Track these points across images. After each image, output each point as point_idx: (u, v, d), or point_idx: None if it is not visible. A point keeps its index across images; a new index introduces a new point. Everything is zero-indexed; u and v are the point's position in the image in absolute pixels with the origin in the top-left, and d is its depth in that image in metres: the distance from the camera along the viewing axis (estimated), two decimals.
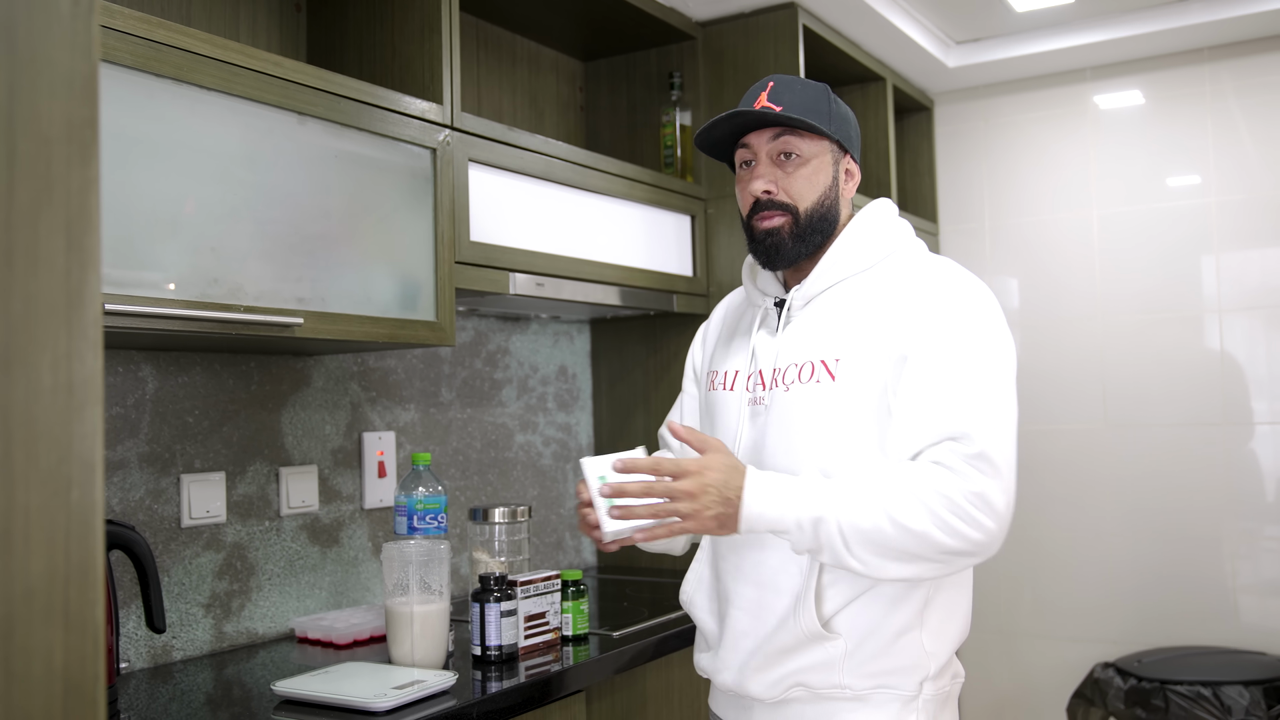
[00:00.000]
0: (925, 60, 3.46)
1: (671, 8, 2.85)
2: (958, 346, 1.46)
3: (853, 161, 1.64)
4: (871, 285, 1.56)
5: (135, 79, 1.60)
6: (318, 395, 2.30)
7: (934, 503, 1.37)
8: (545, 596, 2.04)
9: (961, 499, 1.37)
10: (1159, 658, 3.15)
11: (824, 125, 1.57)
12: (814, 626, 1.49)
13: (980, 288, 1.54)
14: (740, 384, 1.64)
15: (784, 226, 1.58)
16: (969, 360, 1.45)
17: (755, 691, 1.55)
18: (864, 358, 1.49)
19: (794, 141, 1.57)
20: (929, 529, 1.37)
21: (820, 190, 1.59)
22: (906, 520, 1.37)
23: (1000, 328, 1.51)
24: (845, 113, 1.64)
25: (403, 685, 1.69)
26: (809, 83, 1.61)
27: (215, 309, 1.68)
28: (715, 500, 1.41)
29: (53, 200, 0.75)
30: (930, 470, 1.40)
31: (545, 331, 2.94)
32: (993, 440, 1.40)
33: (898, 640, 1.50)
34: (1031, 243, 3.68)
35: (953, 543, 1.38)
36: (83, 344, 0.76)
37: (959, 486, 1.38)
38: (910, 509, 1.37)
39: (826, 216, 1.60)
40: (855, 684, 1.50)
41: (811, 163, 1.58)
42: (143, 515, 1.97)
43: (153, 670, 1.95)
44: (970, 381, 1.43)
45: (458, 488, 2.62)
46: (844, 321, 1.54)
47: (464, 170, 2.15)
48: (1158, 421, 3.45)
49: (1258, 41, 3.34)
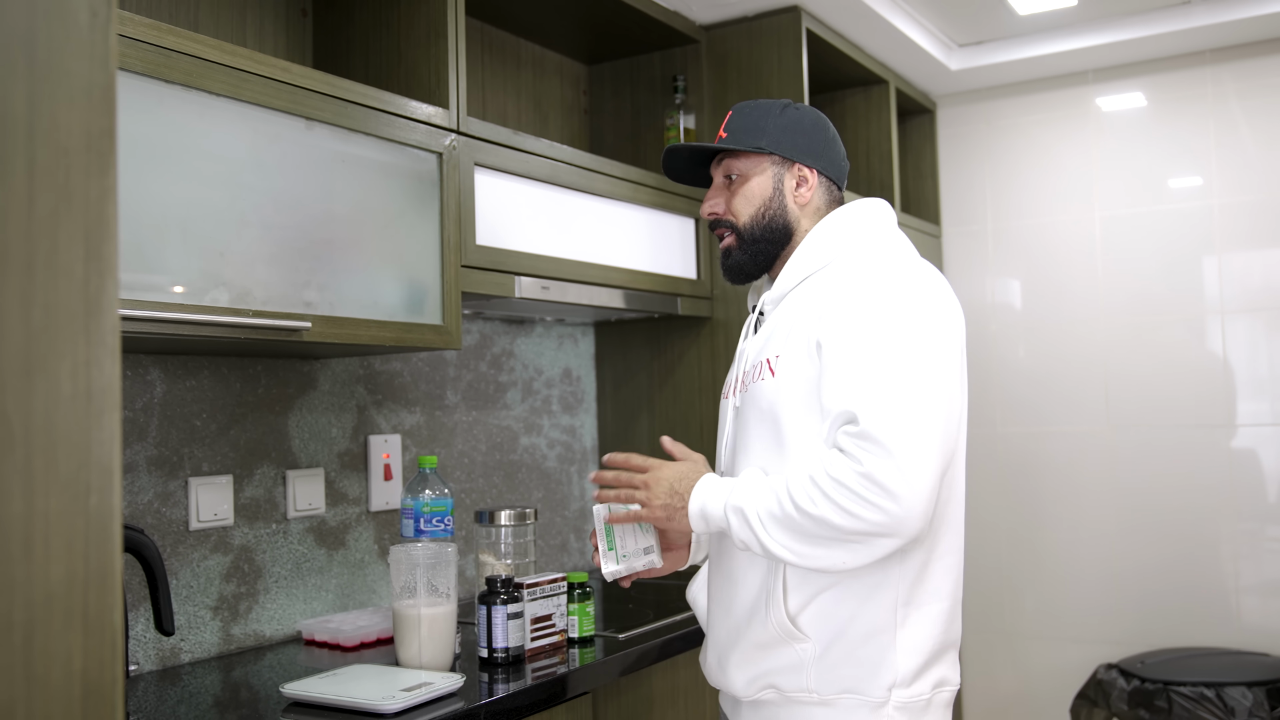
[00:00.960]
0: (928, 63, 3.46)
1: (675, 11, 2.86)
2: (859, 330, 1.45)
3: (805, 169, 1.67)
4: (821, 283, 1.58)
5: (145, 85, 1.61)
6: (324, 398, 2.31)
7: (826, 485, 1.39)
8: (551, 599, 2.05)
9: (851, 480, 1.37)
10: (1162, 659, 3.16)
11: (752, 143, 1.65)
12: (782, 621, 1.51)
13: (909, 277, 1.52)
14: (732, 389, 1.70)
15: (732, 245, 1.69)
16: (869, 342, 1.44)
17: (734, 687, 1.59)
18: (793, 352, 1.54)
19: (732, 164, 1.69)
20: (825, 512, 1.38)
21: (757, 203, 1.66)
22: (805, 504, 1.40)
23: (923, 315, 1.47)
24: (795, 122, 1.67)
25: (410, 687, 1.70)
26: (764, 104, 1.70)
27: (223, 313, 1.69)
28: (664, 492, 1.56)
29: (71, 209, 0.76)
30: (827, 454, 1.43)
31: (550, 334, 2.95)
32: (883, 421, 1.38)
33: (866, 643, 1.49)
34: (1034, 245, 3.69)
35: (850, 524, 1.37)
36: (101, 351, 0.77)
37: (848, 468, 1.38)
38: (807, 493, 1.40)
39: (771, 225, 1.67)
40: (821, 688, 1.50)
41: (750, 179, 1.67)
42: (151, 518, 1.98)
43: (161, 672, 1.96)
44: (867, 363, 1.43)
45: (463, 490, 2.63)
46: (790, 321, 1.58)
47: (469, 174, 2.16)
48: (1160, 423, 3.45)
49: (1259, 44, 3.35)
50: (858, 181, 3.49)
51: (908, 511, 1.37)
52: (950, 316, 1.52)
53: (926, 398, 1.42)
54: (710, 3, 2.85)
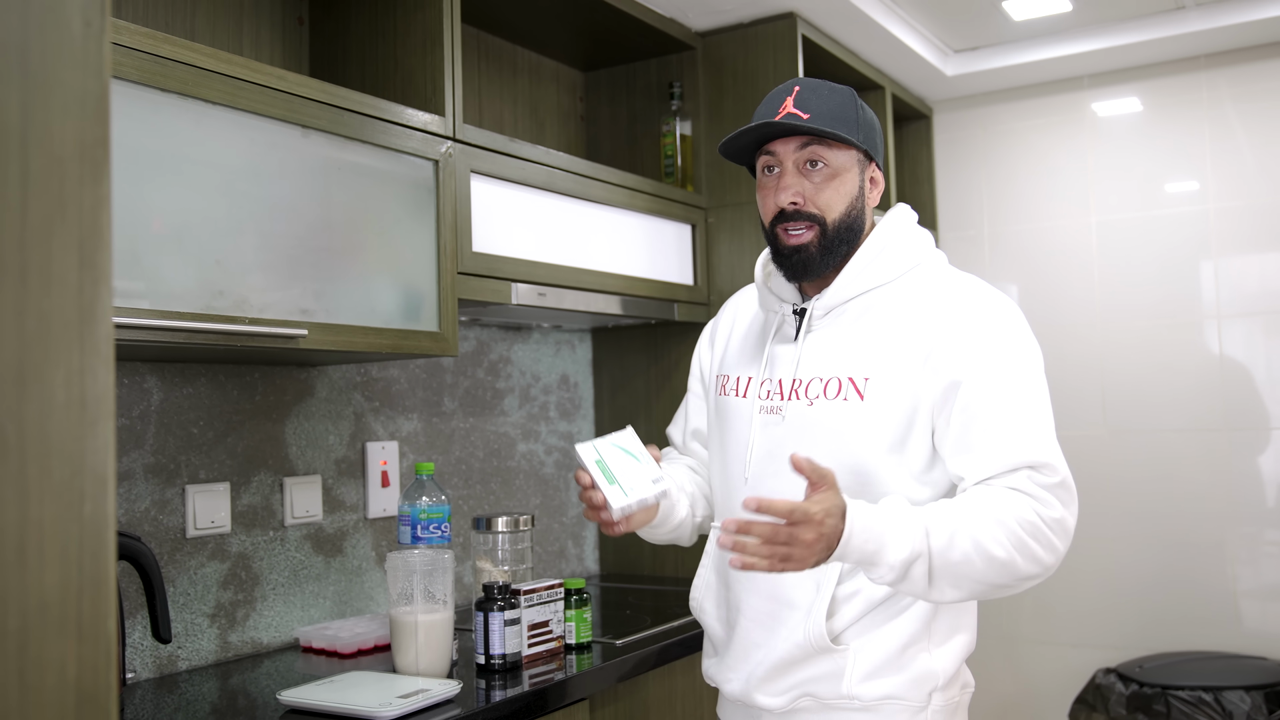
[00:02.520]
0: (924, 69, 3.47)
1: (671, 18, 2.87)
2: (1013, 373, 1.47)
3: (877, 169, 1.61)
4: (897, 300, 1.53)
5: (141, 94, 1.61)
6: (321, 405, 2.31)
7: (1020, 531, 1.39)
8: (548, 605, 2.05)
9: (1045, 527, 1.40)
10: (1161, 663, 3.16)
11: (853, 134, 1.53)
12: (822, 641, 1.49)
13: (1015, 309, 1.55)
14: (754, 391, 1.61)
15: (812, 242, 1.54)
16: (1025, 387, 1.47)
17: (763, 702, 1.56)
18: (897, 379, 1.48)
19: (822, 151, 1.53)
20: (1014, 557, 1.39)
21: (848, 201, 1.55)
22: (994, 549, 1.38)
23: (1036, 347, 1.53)
24: (871, 118, 1.59)
25: (407, 694, 1.70)
26: (835, 87, 1.57)
27: (220, 321, 1.69)
28: (824, 547, 1.34)
29: (65, 219, 0.76)
30: (1017, 499, 1.41)
31: (547, 341, 2.95)
32: (1066, 468, 1.45)
33: (904, 652, 1.50)
34: (1030, 249, 3.70)
35: (1031, 569, 1.40)
36: (95, 360, 0.77)
37: (1044, 514, 1.41)
38: (998, 539, 1.38)
39: (853, 227, 1.56)
40: (864, 694, 1.50)
41: (843, 173, 1.55)
42: (148, 526, 1.98)
43: (158, 680, 1.95)
44: (1035, 410, 1.47)
45: (461, 497, 2.63)
46: (872, 338, 1.52)
47: (466, 181, 2.16)
48: (1158, 427, 3.46)
49: (1254, 49, 3.36)
50: None
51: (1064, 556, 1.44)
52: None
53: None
54: (706, 9, 2.85)
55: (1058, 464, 1.44)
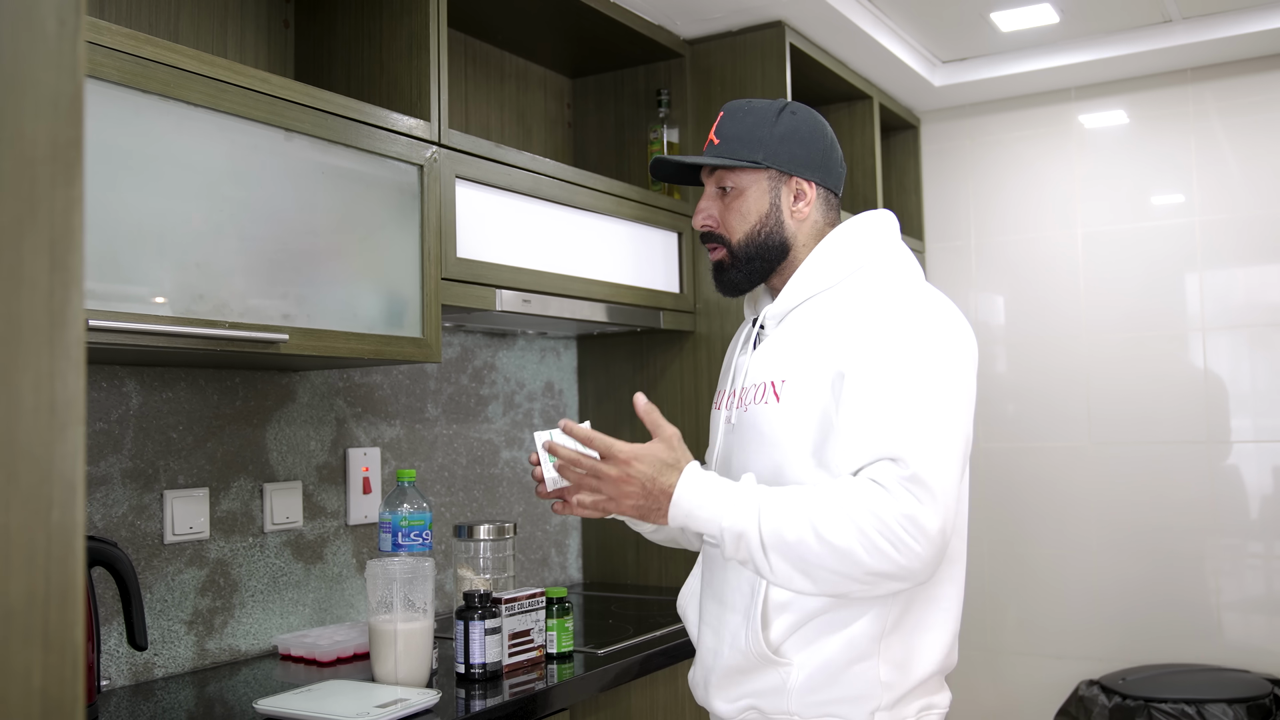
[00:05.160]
0: (912, 79, 3.48)
1: (659, 26, 2.87)
2: (896, 364, 1.41)
3: (802, 181, 1.60)
4: (831, 305, 1.54)
5: (122, 95, 1.60)
6: (303, 411, 2.29)
7: (863, 521, 1.34)
8: (530, 614, 2.04)
9: (893, 520, 1.33)
10: (1143, 675, 3.16)
11: (750, 156, 1.57)
12: (760, 649, 1.48)
13: (930, 306, 1.48)
14: (725, 402, 1.66)
15: (725, 260, 1.62)
16: (908, 379, 1.40)
17: (719, 709, 1.56)
18: (804, 379, 1.49)
19: (726, 176, 1.61)
20: (854, 546, 1.33)
21: (753, 220, 1.59)
22: (832, 536, 1.34)
23: (949, 348, 1.45)
24: (793, 131, 1.59)
25: (386, 704, 1.68)
26: (756, 106, 1.61)
27: (200, 325, 1.67)
28: (636, 491, 1.44)
29: (36, 221, 0.75)
30: (865, 488, 1.36)
31: (532, 348, 2.94)
32: (928, 464, 1.36)
33: (849, 669, 1.46)
34: (1017, 260, 3.71)
35: (876, 564, 1.34)
36: (65, 364, 0.76)
37: (891, 507, 1.34)
38: (838, 525, 1.34)
39: (766, 243, 1.59)
40: (803, 712, 1.48)
41: (746, 194, 1.60)
42: (125, 531, 1.96)
43: (134, 688, 1.93)
44: (910, 401, 1.39)
45: (443, 504, 2.62)
46: (794, 343, 1.54)
47: (451, 187, 2.15)
48: (1142, 439, 3.46)
49: (1240, 63, 3.38)
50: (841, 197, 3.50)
51: (933, 558, 1.35)
52: (971, 348, 1.49)
53: (956, 442, 1.41)
54: (694, 17, 2.85)
55: (914, 457, 1.35)
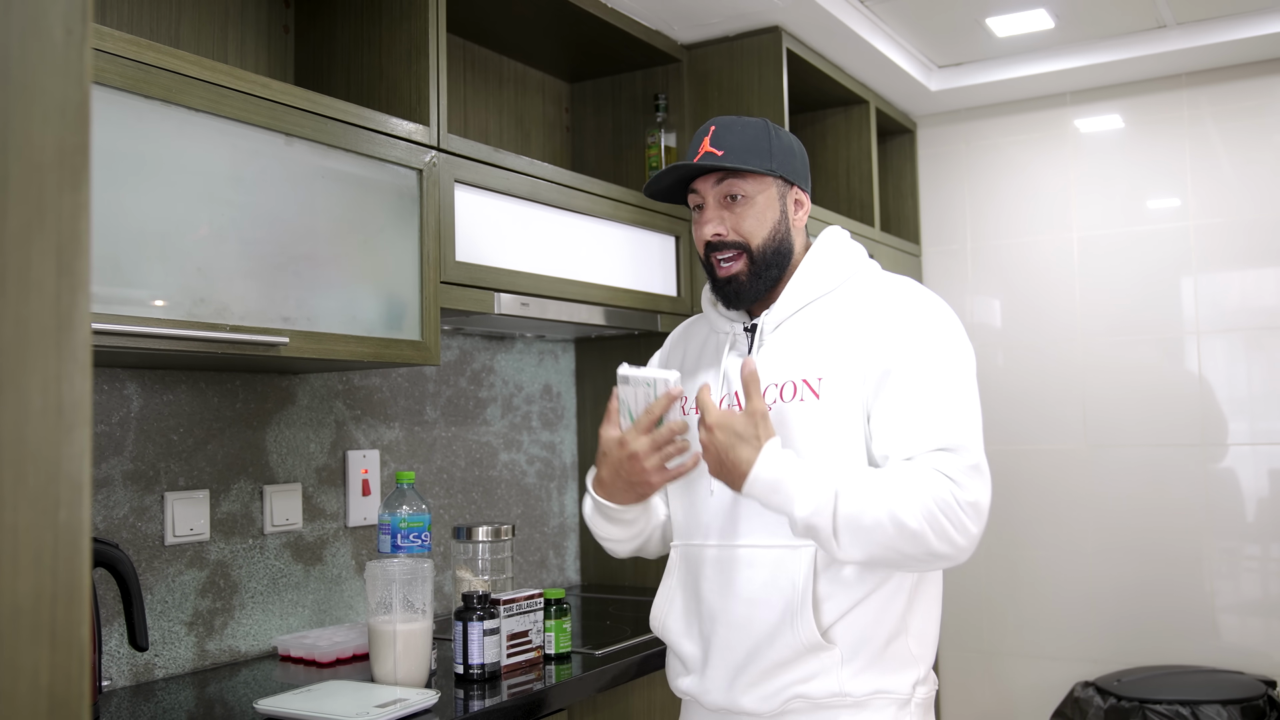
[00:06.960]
0: (908, 84, 3.50)
1: (657, 31, 2.88)
2: (938, 361, 1.54)
3: (800, 191, 1.69)
4: (839, 306, 1.63)
5: (124, 100, 1.61)
6: (302, 413, 2.30)
7: (934, 506, 1.44)
8: (528, 615, 2.05)
9: (958, 506, 1.45)
10: (1138, 677, 3.17)
11: (764, 164, 1.63)
12: (813, 637, 1.52)
13: (943, 304, 1.64)
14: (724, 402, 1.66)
15: (742, 270, 1.64)
16: (950, 375, 1.54)
17: (749, 706, 1.57)
18: (846, 375, 1.56)
19: (737, 184, 1.63)
20: (925, 530, 1.44)
21: (769, 226, 1.65)
22: (908, 520, 1.43)
23: (966, 341, 1.61)
24: (788, 144, 1.68)
25: (385, 704, 1.70)
26: (749, 121, 1.67)
27: (201, 328, 1.69)
28: (714, 459, 1.51)
29: (44, 225, 0.76)
30: (935, 477, 1.47)
31: (530, 350, 2.95)
32: (982, 453, 1.52)
33: (889, 645, 1.55)
34: (1012, 264, 3.72)
35: (942, 547, 1.45)
36: (72, 366, 0.77)
37: (959, 494, 1.46)
38: (913, 511, 1.44)
39: (780, 249, 1.66)
40: (854, 690, 1.54)
41: (757, 200, 1.64)
42: (126, 533, 1.97)
43: (135, 688, 1.94)
44: (955, 396, 1.53)
45: (442, 506, 2.63)
46: (820, 341, 1.60)
47: (450, 191, 2.16)
48: (1137, 442, 3.48)
49: (1235, 68, 3.39)
50: (838, 201, 3.51)
51: (978, 539, 1.49)
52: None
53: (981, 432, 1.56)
54: (692, 22, 2.87)
55: (972, 448, 1.50)
